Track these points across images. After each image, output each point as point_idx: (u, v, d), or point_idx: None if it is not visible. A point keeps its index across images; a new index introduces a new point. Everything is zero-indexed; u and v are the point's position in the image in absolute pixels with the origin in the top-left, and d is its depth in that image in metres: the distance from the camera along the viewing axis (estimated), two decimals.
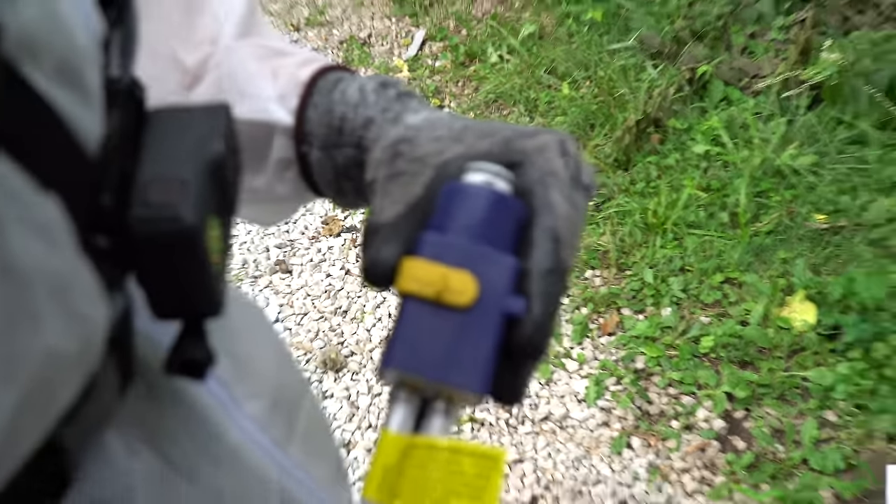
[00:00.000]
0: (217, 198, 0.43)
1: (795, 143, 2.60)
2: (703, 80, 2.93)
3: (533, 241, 0.45)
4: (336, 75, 0.58)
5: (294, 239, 2.73)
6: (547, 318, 0.44)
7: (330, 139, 0.56)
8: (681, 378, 2.14)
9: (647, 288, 2.36)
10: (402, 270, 0.44)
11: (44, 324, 0.32)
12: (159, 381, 0.49)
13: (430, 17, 3.63)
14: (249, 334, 0.63)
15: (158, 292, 0.42)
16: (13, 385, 0.31)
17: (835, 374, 2.03)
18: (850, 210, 2.42)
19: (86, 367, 0.38)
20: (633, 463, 2.01)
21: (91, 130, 0.37)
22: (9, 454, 0.33)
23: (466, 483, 0.41)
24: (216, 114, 0.44)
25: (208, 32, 0.60)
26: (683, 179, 2.59)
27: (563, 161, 0.47)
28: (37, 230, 0.32)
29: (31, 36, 0.33)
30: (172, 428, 0.50)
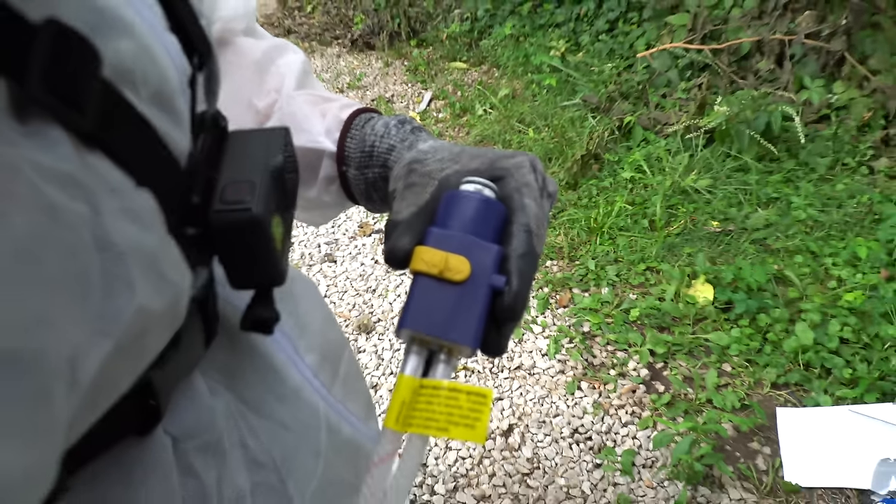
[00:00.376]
0: (279, 197, 0.41)
1: (695, 171, 2.49)
2: (628, 127, 2.81)
3: (512, 233, 0.44)
4: (367, 115, 0.58)
5: (338, 238, 2.61)
6: (523, 291, 0.42)
7: (363, 161, 0.55)
8: (616, 339, 2.00)
9: (591, 273, 2.22)
10: (414, 255, 0.43)
11: (136, 288, 0.30)
12: (239, 336, 0.48)
13: (435, 83, 3.53)
14: (306, 301, 0.60)
15: (235, 269, 0.41)
16: (110, 337, 0.29)
17: (729, 336, 1.90)
18: (737, 218, 2.29)
19: (173, 323, 0.36)
20: (582, 400, 1.87)
21: (181, 146, 0.36)
22: (108, 389, 0.31)
23: (463, 415, 0.40)
24: (278, 134, 0.43)
25: (274, 84, 0.59)
26: (616, 196, 2.47)
27: (533, 176, 0.46)
28: (132, 216, 0.31)
29: (128, 66, 0.31)
30: (248, 373, 0.49)
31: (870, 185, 2.31)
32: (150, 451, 0.39)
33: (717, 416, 1.72)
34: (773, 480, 1.60)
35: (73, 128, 0.28)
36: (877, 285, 1.92)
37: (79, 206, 0.27)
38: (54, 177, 0.26)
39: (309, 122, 0.56)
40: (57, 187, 0.26)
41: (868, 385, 1.68)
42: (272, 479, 0.49)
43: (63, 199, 0.26)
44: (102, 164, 0.29)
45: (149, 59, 0.33)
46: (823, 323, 1.85)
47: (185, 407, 0.42)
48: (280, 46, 0.62)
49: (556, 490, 1.67)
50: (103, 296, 0.28)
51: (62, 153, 0.27)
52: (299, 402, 0.53)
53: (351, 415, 0.62)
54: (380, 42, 3.94)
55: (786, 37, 2.78)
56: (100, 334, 0.28)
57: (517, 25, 3.70)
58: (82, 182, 0.28)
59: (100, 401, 0.31)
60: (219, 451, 0.44)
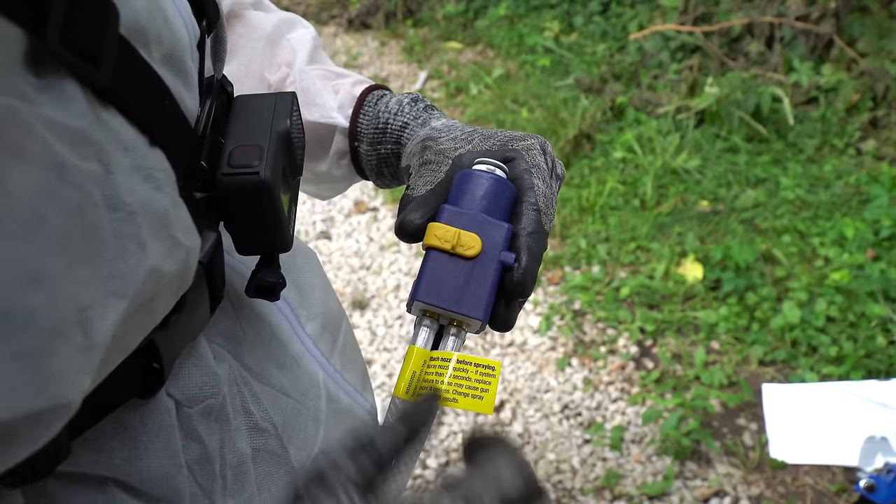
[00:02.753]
0: (286, 161, 0.40)
1: (686, 151, 2.44)
2: (620, 108, 2.75)
3: (521, 212, 0.43)
4: (380, 92, 0.56)
5: (333, 215, 2.54)
6: (532, 267, 0.42)
7: (376, 138, 0.54)
8: (606, 316, 1.95)
9: (582, 252, 2.17)
10: (427, 231, 0.42)
11: (148, 248, 0.29)
12: (243, 304, 0.47)
13: (430, 63, 3.44)
14: (308, 271, 0.58)
15: (242, 233, 0.39)
16: (124, 297, 0.28)
17: (717, 314, 1.86)
18: (726, 198, 2.24)
19: (181, 286, 0.35)
20: (572, 377, 1.84)
21: (192, 108, 0.35)
22: (118, 350, 0.30)
23: (471, 386, 0.39)
24: (285, 99, 0.41)
25: (285, 58, 0.57)
26: (607, 176, 2.41)
27: (543, 158, 0.46)
28: (145, 175, 0.29)
29: (143, 25, 0.30)
30: (251, 340, 0.47)
31: (857, 166, 2.26)
32: (153, 415, 0.39)
33: (705, 393, 1.69)
34: (760, 456, 1.56)
35: (89, 83, 0.27)
36: (863, 265, 1.87)
37: (90, 164, 0.26)
38: (66, 134, 0.25)
39: (322, 97, 0.55)
40: (67, 145, 0.25)
41: (854, 363, 1.64)
42: (273, 445, 0.48)
43: (73, 158, 0.25)
44: (116, 120, 0.28)
45: (162, 20, 0.32)
46: (810, 301, 1.81)
47: (190, 372, 0.42)
48: (290, 20, 0.60)
49: (546, 465, 1.63)
50: (115, 255, 0.27)
51: (76, 109, 0.26)
52: (299, 370, 0.52)
53: (348, 385, 0.61)
54: (376, 22, 3.84)
55: (776, 19, 2.71)
56: (113, 295, 0.27)
57: (511, 6, 3.61)
58: (94, 139, 0.27)
59: (109, 362, 0.30)
60: (222, 416, 0.44)
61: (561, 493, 1.57)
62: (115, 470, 0.37)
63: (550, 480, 1.59)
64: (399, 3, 3.83)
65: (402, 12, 3.84)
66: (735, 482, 1.53)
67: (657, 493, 1.52)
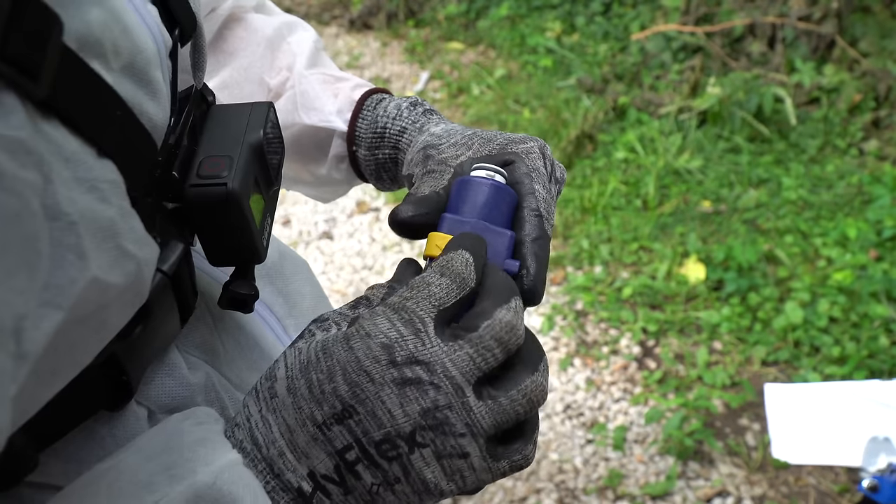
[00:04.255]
0: (259, 173, 0.39)
1: (688, 152, 2.44)
2: (622, 108, 2.75)
3: (524, 218, 0.43)
4: (380, 96, 0.56)
5: (335, 216, 2.55)
6: (540, 273, 0.41)
7: (374, 142, 0.53)
8: (608, 316, 1.95)
9: (584, 252, 2.17)
10: (428, 241, 0.42)
11: (89, 259, 0.28)
12: (224, 314, 0.46)
13: (432, 63, 3.44)
14: (297, 280, 0.57)
15: (211, 245, 0.39)
16: (60, 308, 0.27)
17: (720, 315, 1.86)
18: (729, 198, 2.24)
19: (135, 298, 0.33)
20: (575, 377, 1.83)
21: (157, 118, 0.34)
22: (69, 362, 0.30)
23: None
24: (260, 109, 0.41)
25: (286, 62, 0.57)
26: (609, 176, 2.41)
27: (542, 161, 0.45)
28: (88, 186, 0.29)
29: (97, 36, 0.30)
30: (230, 351, 0.46)
31: (859, 166, 2.26)
32: (122, 425, 0.38)
33: (708, 393, 1.69)
34: (763, 456, 1.56)
35: (28, 95, 0.26)
36: (866, 265, 1.87)
37: (28, 173, 0.26)
38: (4, 144, 0.25)
39: (321, 101, 0.55)
40: (6, 154, 0.25)
41: (857, 363, 1.64)
42: None
43: (11, 167, 0.25)
44: (58, 132, 0.28)
45: (120, 30, 0.32)
46: (813, 302, 1.81)
47: (162, 381, 0.41)
48: (291, 23, 0.60)
49: (549, 465, 1.63)
50: (52, 266, 0.27)
51: (14, 121, 0.26)
52: None
53: None
54: (378, 22, 3.84)
55: (778, 19, 2.71)
56: (48, 305, 0.27)
57: (513, 7, 3.61)
58: (34, 150, 0.26)
59: (58, 373, 0.30)
60: None
61: (564, 492, 1.57)
62: None
63: (553, 480, 1.59)
64: (401, 4, 3.83)
65: (404, 13, 3.84)
66: (738, 482, 1.53)
67: (660, 493, 1.52)
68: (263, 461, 0.34)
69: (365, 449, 0.34)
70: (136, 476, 0.32)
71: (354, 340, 0.34)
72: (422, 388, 0.33)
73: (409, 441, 0.34)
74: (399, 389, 0.33)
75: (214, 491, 0.32)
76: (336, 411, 0.34)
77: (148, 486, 0.32)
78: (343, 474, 0.34)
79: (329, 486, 0.34)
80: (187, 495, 0.31)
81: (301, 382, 0.34)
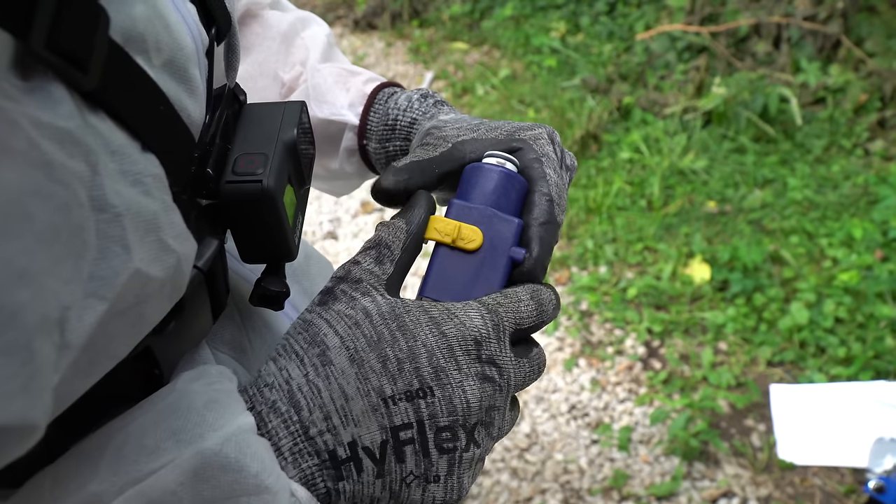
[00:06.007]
0: (292, 171, 0.40)
1: (693, 152, 2.44)
2: (627, 108, 2.75)
3: (533, 202, 0.42)
4: (391, 89, 0.56)
5: (340, 216, 2.55)
6: (543, 258, 0.41)
7: (385, 135, 0.53)
8: (613, 317, 1.96)
9: (589, 253, 2.17)
10: (429, 224, 0.41)
11: (133, 251, 0.29)
12: (252, 312, 0.47)
13: (436, 63, 3.45)
14: (322, 281, 0.57)
15: (245, 241, 0.40)
16: (104, 299, 0.27)
17: (725, 315, 1.86)
18: (734, 199, 2.24)
19: (174, 292, 0.34)
20: (580, 377, 1.84)
21: (195, 115, 0.35)
22: (104, 354, 0.30)
23: None
24: (294, 108, 0.41)
25: (299, 56, 0.58)
26: (614, 177, 2.41)
27: (552, 147, 0.45)
28: (133, 179, 0.29)
29: (140, 31, 0.30)
30: (257, 349, 0.47)
31: (865, 166, 2.25)
32: None
33: (713, 394, 1.69)
34: (768, 457, 1.56)
35: (76, 87, 0.27)
36: (871, 266, 1.87)
37: (77, 164, 0.26)
38: (53, 134, 0.25)
39: (333, 94, 0.55)
40: (55, 144, 0.25)
41: (863, 364, 1.64)
42: None
43: (61, 157, 0.25)
44: (105, 124, 0.28)
45: (162, 27, 0.32)
46: (818, 302, 1.81)
47: None
48: (305, 19, 0.61)
49: (553, 465, 1.63)
50: (97, 256, 0.27)
51: (63, 111, 0.26)
52: None
53: None
54: (382, 22, 3.85)
55: (783, 19, 2.71)
56: (93, 296, 0.27)
57: (518, 7, 3.61)
58: (82, 140, 0.27)
59: (96, 365, 0.30)
60: None
61: (569, 493, 1.58)
62: None
63: (558, 481, 1.60)
64: (405, 4, 3.84)
65: (408, 13, 3.85)
66: (743, 483, 1.53)
67: (665, 493, 1.53)
68: (298, 423, 0.35)
69: (424, 432, 0.35)
70: (142, 440, 0.32)
71: (447, 327, 0.36)
72: (494, 387, 0.36)
73: (468, 434, 0.36)
74: (480, 383, 0.36)
75: (221, 458, 0.32)
76: (411, 389, 0.35)
77: (154, 451, 0.32)
78: (386, 453, 0.35)
79: (366, 460, 0.35)
80: (193, 462, 0.31)
81: (371, 356, 0.36)
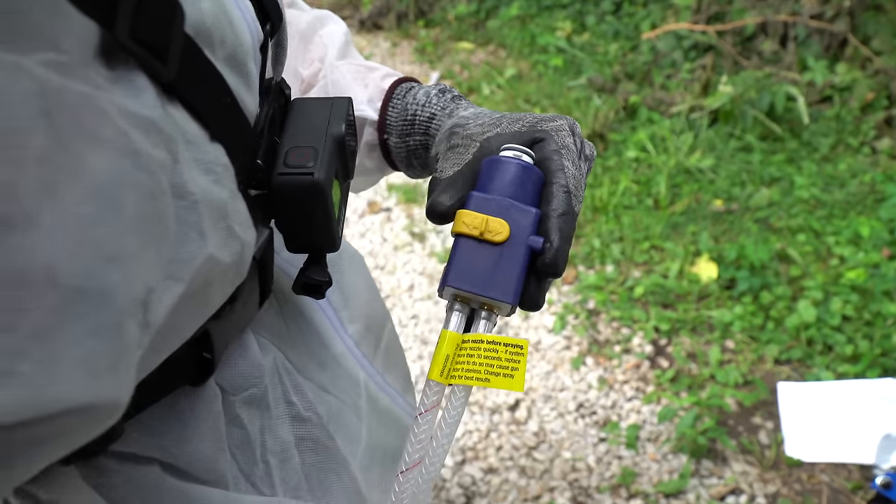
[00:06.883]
0: (339, 164, 0.41)
1: (699, 150, 2.44)
2: (633, 107, 2.75)
3: (552, 194, 0.43)
4: (409, 84, 0.56)
5: (347, 216, 2.56)
6: (563, 248, 0.42)
7: (404, 130, 0.54)
8: (620, 315, 1.97)
9: (596, 252, 2.18)
10: (456, 218, 0.43)
11: (207, 237, 0.31)
12: (288, 302, 0.49)
13: (442, 63, 3.46)
14: (352, 272, 0.60)
15: (293, 231, 0.41)
16: (181, 281, 0.29)
17: (732, 313, 1.87)
18: (741, 197, 2.25)
19: (236, 277, 0.36)
20: (587, 376, 1.85)
21: (251, 108, 0.37)
22: (172, 335, 0.32)
23: (502, 366, 0.40)
24: (342, 103, 0.43)
25: (318, 53, 0.59)
26: (620, 176, 2.42)
27: (572, 139, 0.45)
28: (206, 168, 0.31)
29: (208, 26, 0.32)
30: (293, 337, 0.49)
31: (872, 165, 2.26)
32: (201, 401, 0.41)
33: (721, 392, 1.70)
34: (776, 454, 1.57)
35: (156, 77, 0.28)
36: (879, 264, 1.88)
37: (160, 152, 0.27)
38: (139, 123, 0.26)
39: (352, 90, 0.56)
40: (141, 133, 0.26)
41: (870, 361, 1.65)
42: (318, 434, 0.50)
43: (146, 145, 0.27)
44: (181, 114, 0.30)
45: (227, 22, 0.34)
46: (825, 300, 1.82)
47: (236, 362, 0.44)
48: (323, 17, 0.62)
49: (561, 463, 1.65)
50: (177, 241, 0.29)
51: (147, 100, 0.27)
52: (340, 369, 0.54)
53: (390, 387, 0.62)
54: (388, 23, 3.86)
55: (790, 18, 2.71)
56: (172, 278, 0.29)
57: (523, 6, 3.63)
58: (164, 130, 0.28)
59: (165, 345, 0.32)
60: (263, 405, 0.46)
61: (577, 491, 1.59)
62: (164, 452, 0.39)
63: (567, 479, 1.61)
64: (411, 4, 3.86)
65: (414, 13, 3.86)
66: (751, 480, 1.54)
67: (673, 491, 1.54)
68: None
69: None
70: None
71: None
72: None
73: None
74: None
75: None
76: None
77: None
78: None
79: None
80: None
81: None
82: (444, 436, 0.40)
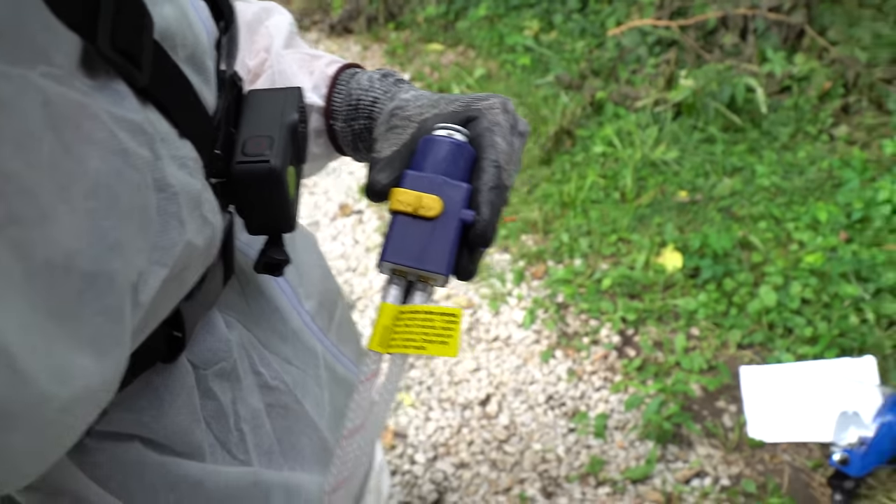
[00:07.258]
0: (293, 151, 0.44)
1: (664, 143, 2.48)
2: (600, 103, 2.79)
3: (482, 168, 0.45)
4: (353, 70, 0.58)
5: (318, 219, 2.59)
6: (493, 220, 0.44)
7: (349, 114, 0.55)
8: (589, 307, 2.00)
9: (564, 246, 2.21)
10: (391, 196, 0.45)
11: (186, 225, 0.34)
12: (249, 280, 0.52)
13: (412, 65, 3.49)
14: (306, 253, 0.63)
15: (252, 215, 0.43)
16: (165, 266, 0.32)
17: (696, 301, 1.91)
18: (704, 188, 2.29)
19: (207, 259, 0.39)
20: (556, 368, 1.88)
21: (210, 102, 0.39)
22: (153, 317, 0.34)
23: (437, 334, 0.42)
24: (293, 94, 0.45)
25: (264, 44, 0.60)
26: (588, 171, 2.46)
27: (504, 116, 0.47)
28: (180, 163, 0.34)
29: (172, 31, 0.34)
30: (255, 313, 0.52)
31: (830, 151, 2.31)
32: (175, 377, 0.44)
33: (686, 378, 1.74)
34: (739, 437, 1.61)
35: (132, 83, 0.31)
36: (836, 247, 1.93)
37: (144, 151, 0.31)
38: (126, 125, 0.29)
39: (298, 78, 0.58)
40: (128, 134, 0.29)
41: (828, 342, 1.69)
42: (287, 400, 0.53)
43: (133, 145, 0.30)
44: (155, 115, 0.32)
45: (187, 24, 0.36)
46: (786, 285, 1.86)
47: (205, 338, 0.46)
48: (268, 8, 0.64)
49: (532, 455, 1.68)
50: (160, 230, 0.32)
51: (129, 105, 0.30)
52: (298, 342, 0.57)
53: (345, 357, 0.65)
54: (358, 26, 3.88)
55: (749, 11, 2.77)
56: (157, 264, 0.32)
57: (491, 7, 3.66)
58: (147, 130, 0.31)
59: (146, 325, 0.34)
60: (233, 377, 0.49)
61: (547, 481, 1.62)
62: (142, 427, 0.42)
63: (536, 470, 1.64)
64: (381, 7, 3.88)
65: (384, 16, 3.88)
66: (715, 462, 1.58)
67: (640, 476, 1.57)
68: None
69: None
70: None
71: None
72: None
73: None
74: None
75: None
76: None
77: None
78: None
79: None
80: None
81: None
82: (384, 402, 0.43)
